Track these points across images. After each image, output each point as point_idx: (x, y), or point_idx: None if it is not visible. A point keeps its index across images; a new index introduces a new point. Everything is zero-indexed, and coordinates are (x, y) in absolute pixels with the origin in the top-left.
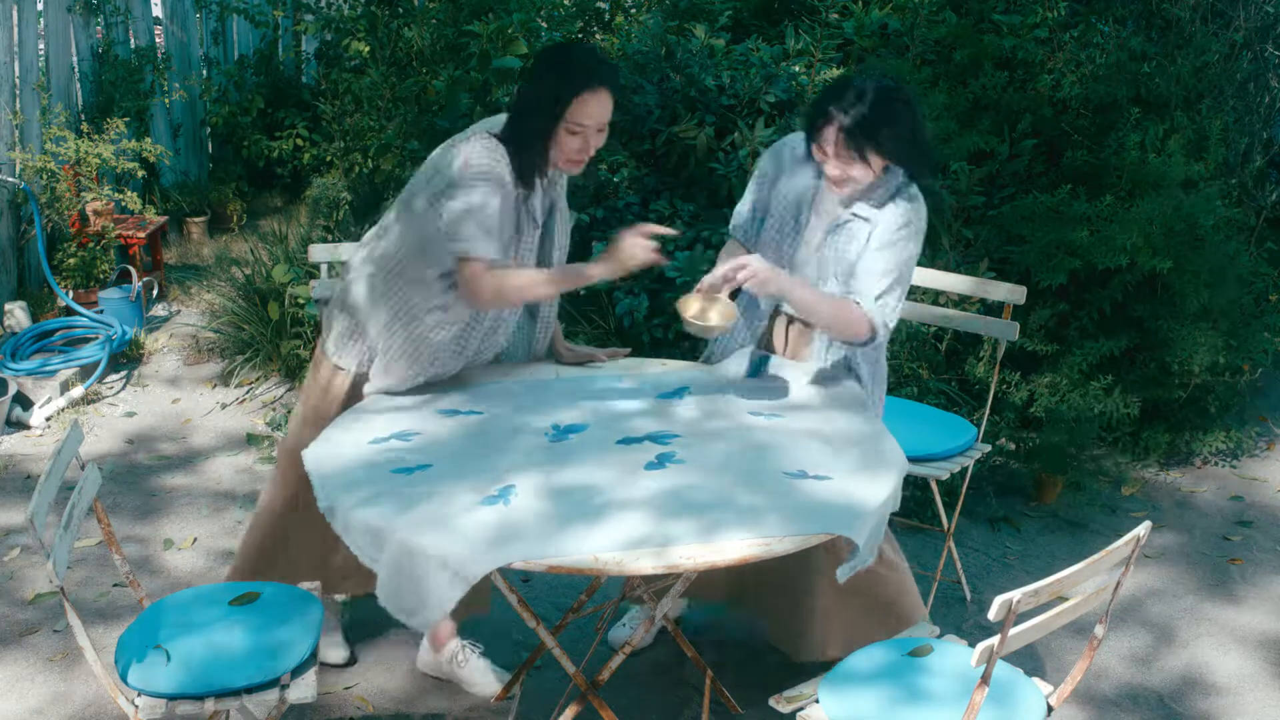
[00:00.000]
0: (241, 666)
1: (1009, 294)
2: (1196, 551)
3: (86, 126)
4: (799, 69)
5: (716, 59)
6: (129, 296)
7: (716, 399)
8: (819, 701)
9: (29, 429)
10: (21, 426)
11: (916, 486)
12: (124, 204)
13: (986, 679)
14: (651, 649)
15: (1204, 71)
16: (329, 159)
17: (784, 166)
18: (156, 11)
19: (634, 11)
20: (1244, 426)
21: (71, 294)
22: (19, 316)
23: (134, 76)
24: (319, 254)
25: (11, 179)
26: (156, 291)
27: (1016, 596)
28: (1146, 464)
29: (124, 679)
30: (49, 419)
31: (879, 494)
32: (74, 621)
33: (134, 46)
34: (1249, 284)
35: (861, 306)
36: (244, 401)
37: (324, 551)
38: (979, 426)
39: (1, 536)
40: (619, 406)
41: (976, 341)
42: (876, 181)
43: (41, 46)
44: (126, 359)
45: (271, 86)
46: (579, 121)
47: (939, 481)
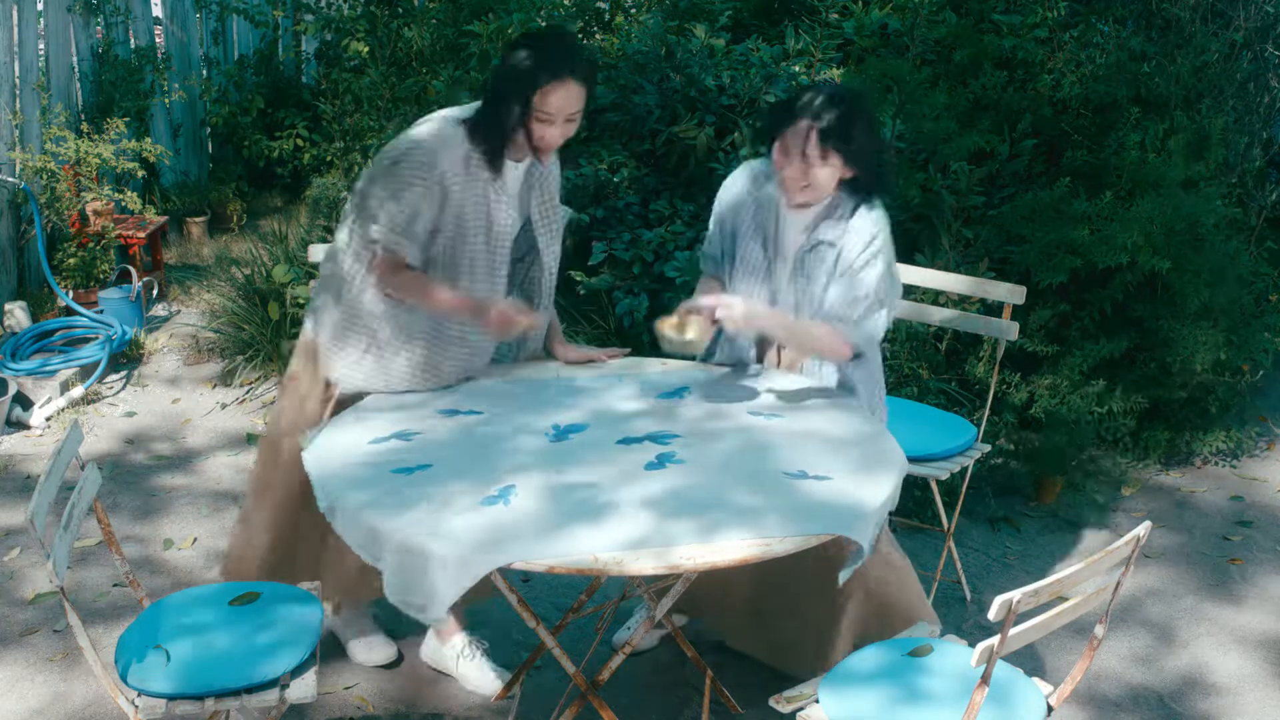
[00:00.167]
0: (241, 666)
1: (1009, 294)
2: (1196, 551)
3: (86, 126)
4: (799, 69)
5: (716, 59)
6: (129, 296)
7: (716, 399)
8: (819, 701)
9: (29, 429)
10: (21, 426)
11: (916, 486)
12: (124, 204)
13: (986, 679)
14: (651, 649)
15: (1204, 71)
16: (329, 159)
17: (736, 204)
18: (156, 11)
19: (634, 11)
20: (1244, 426)
21: (71, 294)
22: (19, 316)
23: (134, 76)
24: (319, 254)
25: (11, 179)
26: (156, 291)
27: (1016, 596)
28: (1147, 464)
29: (124, 679)
30: (49, 419)
31: (879, 494)
32: (74, 621)
33: (134, 46)
34: (1249, 284)
35: (841, 334)
36: (244, 401)
37: (323, 554)
38: (979, 426)
39: (1, 536)
40: (619, 407)
41: (976, 341)
42: (835, 201)
43: (41, 46)
44: (126, 359)
45: (271, 86)
46: (546, 111)
47: (939, 481)
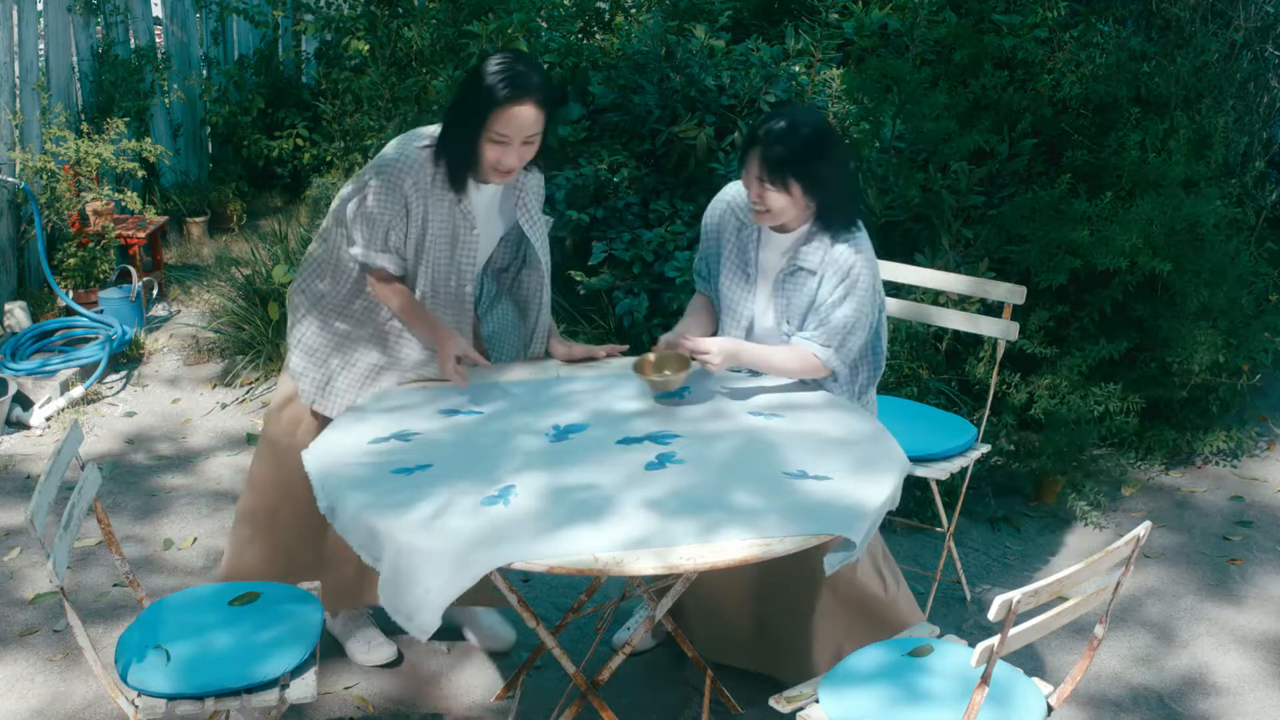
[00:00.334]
0: (241, 666)
1: (1009, 294)
2: (1196, 551)
3: (86, 126)
4: (799, 69)
5: (716, 59)
6: (129, 296)
7: (716, 399)
8: (819, 701)
9: (29, 429)
10: (21, 426)
11: (916, 486)
12: (124, 204)
13: (986, 679)
14: (651, 649)
15: (1204, 71)
16: (329, 159)
17: (720, 221)
18: (156, 11)
19: (634, 11)
20: (1244, 426)
21: (71, 294)
22: (19, 316)
23: (134, 76)
24: None
25: (11, 179)
26: (156, 291)
27: (1016, 596)
28: (1147, 464)
29: (124, 679)
30: (49, 419)
31: (879, 494)
32: (74, 621)
33: (134, 46)
34: (1249, 284)
35: (820, 359)
36: (244, 401)
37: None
38: (979, 427)
39: (1, 536)
40: (619, 407)
41: (976, 341)
42: (813, 229)
43: (41, 46)
44: (126, 359)
45: (271, 86)
46: (501, 132)
47: (939, 481)
